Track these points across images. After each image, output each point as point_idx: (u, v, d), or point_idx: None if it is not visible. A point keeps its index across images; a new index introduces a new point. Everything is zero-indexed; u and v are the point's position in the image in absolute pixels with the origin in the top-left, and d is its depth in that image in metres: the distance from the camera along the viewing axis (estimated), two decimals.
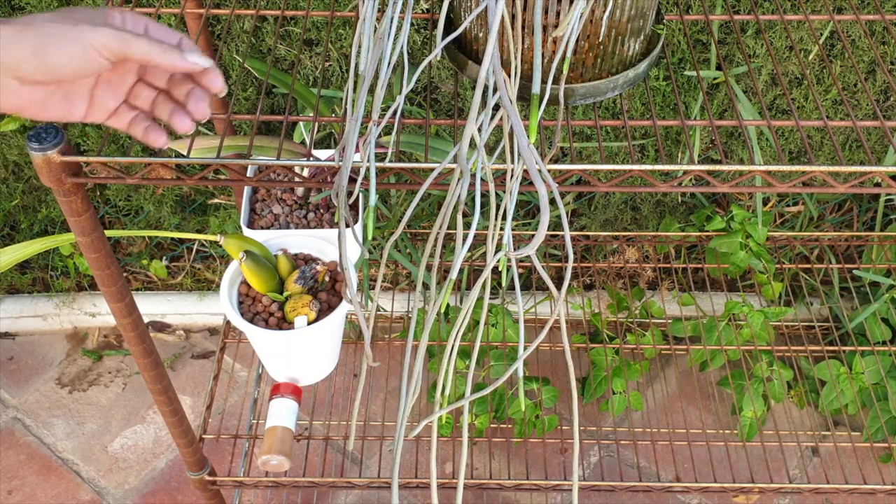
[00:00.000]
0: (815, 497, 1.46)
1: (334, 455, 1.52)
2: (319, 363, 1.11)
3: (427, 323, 0.62)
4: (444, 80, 1.38)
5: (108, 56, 0.55)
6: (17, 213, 1.60)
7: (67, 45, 0.53)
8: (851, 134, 1.48)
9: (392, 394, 1.53)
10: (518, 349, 0.65)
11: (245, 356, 1.64)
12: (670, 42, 1.34)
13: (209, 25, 1.14)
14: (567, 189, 0.71)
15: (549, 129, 0.92)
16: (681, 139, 1.47)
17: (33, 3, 1.30)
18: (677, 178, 0.72)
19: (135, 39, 0.55)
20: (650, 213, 1.60)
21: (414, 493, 1.46)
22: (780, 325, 1.56)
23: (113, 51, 0.55)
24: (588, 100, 0.78)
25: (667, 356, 1.64)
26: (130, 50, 0.55)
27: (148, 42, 0.56)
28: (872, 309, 1.46)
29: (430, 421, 0.62)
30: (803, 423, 1.53)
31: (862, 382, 1.40)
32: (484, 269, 0.61)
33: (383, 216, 1.48)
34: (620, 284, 1.65)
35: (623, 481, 1.26)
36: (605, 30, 0.73)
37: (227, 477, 1.21)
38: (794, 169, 0.71)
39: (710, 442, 1.39)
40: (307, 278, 1.02)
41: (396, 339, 1.62)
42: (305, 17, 0.93)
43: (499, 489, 1.25)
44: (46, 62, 0.53)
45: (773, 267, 1.48)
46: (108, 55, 0.55)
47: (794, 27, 1.32)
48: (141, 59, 0.56)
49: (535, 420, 1.39)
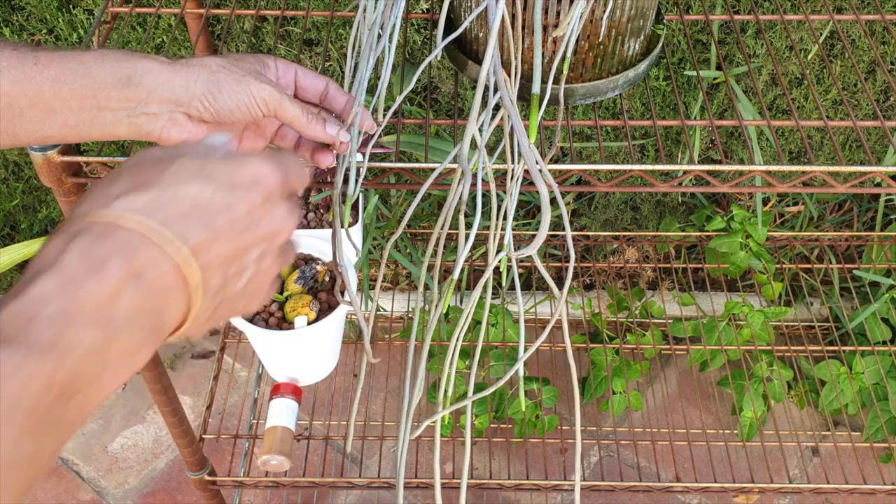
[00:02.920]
0: (815, 497, 1.46)
1: (334, 455, 1.52)
2: (319, 363, 1.11)
3: (430, 324, 0.62)
4: (444, 80, 1.38)
5: (265, 111, 0.60)
6: (17, 213, 1.60)
7: (236, 94, 0.58)
8: (851, 134, 1.48)
9: (392, 394, 1.52)
10: (518, 349, 0.65)
11: (245, 356, 1.64)
12: (670, 42, 1.34)
13: (209, 25, 1.14)
14: (567, 189, 0.71)
15: (550, 129, 0.92)
16: (681, 139, 1.47)
17: (33, 2, 1.30)
18: (677, 178, 0.72)
19: (289, 104, 0.60)
20: (650, 213, 1.60)
21: (414, 493, 1.46)
22: (780, 325, 1.56)
23: (270, 108, 0.60)
24: (588, 100, 0.78)
25: (667, 356, 1.64)
26: (282, 111, 0.60)
27: (299, 108, 0.61)
28: (872, 309, 1.46)
29: (432, 421, 0.62)
30: (803, 423, 1.53)
31: (862, 382, 1.40)
32: (485, 269, 0.61)
33: (383, 216, 1.48)
34: (620, 284, 1.65)
35: (623, 481, 1.26)
36: (605, 30, 0.73)
37: (227, 477, 1.21)
38: (794, 169, 0.71)
39: (710, 442, 1.39)
40: (307, 278, 1.02)
41: (396, 339, 1.62)
42: (305, 17, 0.93)
43: (499, 489, 1.25)
44: (215, 105, 0.58)
45: (773, 267, 1.48)
46: (265, 110, 0.60)
47: (794, 27, 1.32)
48: (289, 122, 0.62)
49: (535, 420, 1.39)
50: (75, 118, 0.54)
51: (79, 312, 0.36)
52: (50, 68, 0.53)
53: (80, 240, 0.38)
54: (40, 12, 1.31)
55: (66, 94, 0.53)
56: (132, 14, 0.88)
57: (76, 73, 0.53)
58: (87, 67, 0.54)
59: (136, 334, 0.39)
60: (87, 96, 0.54)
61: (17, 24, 1.33)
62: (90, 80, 0.54)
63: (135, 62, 0.55)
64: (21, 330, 0.34)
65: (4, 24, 1.33)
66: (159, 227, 0.40)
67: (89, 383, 0.36)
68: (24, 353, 0.34)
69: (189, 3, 0.98)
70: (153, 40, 1.32)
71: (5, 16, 1.33)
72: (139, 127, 0.57)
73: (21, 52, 0.52)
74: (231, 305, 0.45)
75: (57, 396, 0.34)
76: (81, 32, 1.32)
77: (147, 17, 1.28)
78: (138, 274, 0.38)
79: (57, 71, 0.53)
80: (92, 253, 0.38)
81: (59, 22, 1.31)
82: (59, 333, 0.35)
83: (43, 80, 0.53)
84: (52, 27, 1.33)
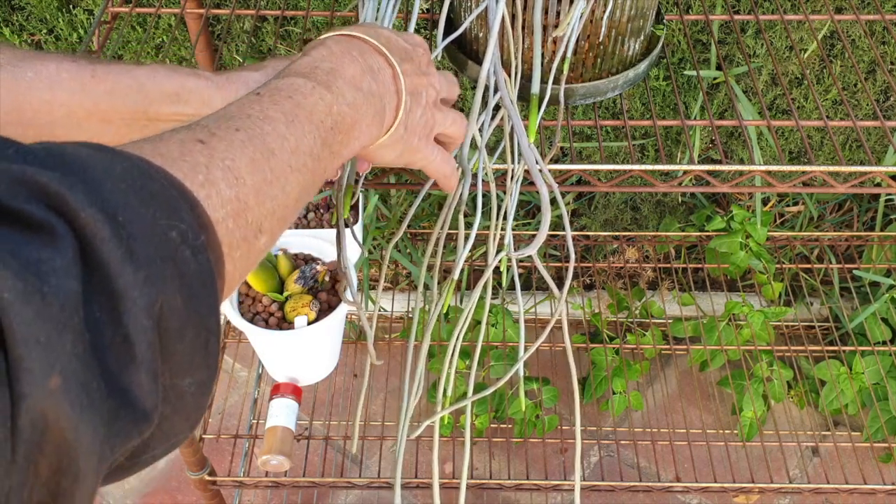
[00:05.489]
0: (815, 497, 1.46)
1: (334, 455, 1.52)
2: (319, 363, 1.11)
3: (429, 323, 0.62)
4: None
5: None
6: None
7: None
8: (851, 134, 1.48)
9: (392, 394, 1.52)
10: (518, 349, 0.65)
11: (245, 356, 1.64)
12: (670, 42, 1.34)
13: (209, 25, 1.14)
14: (567, 189, 0.71)
15: (550, 129, 0.92)
16: (681, 139, 1.47)
17: (33, 2, 1.30)
18: (677, 178, 0.72)
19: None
20: (650, 213, 1.60)
21: (414, 493, 1.46)
22: (780, 325, 1.56)
23: None
24: (588, 100, 0.78)
25: (667, 356, 1.64)
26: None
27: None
28: (872, 309, 1.46)
29: (432, 421, 0.62)
30: (803, 423, 1.53)
31: (862, 382, 1.40)
32: (485, 269, 0.61)
33: (383, 216, 1.48)
34: (620, 284, 1.65)
35: (623, 481, 1.26)
36: (605, 30, 0.73)
37: (227, 477, 1.21)
38: (794, 169, 0.71)
39: (710, 442, 1.39)
40: (307, 278, 1.02)
41: (396, 339, 1.62)
42: (305, 17, 0.93)
43: (499, 489, 1.25)
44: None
45: (773, 267, 1.48)
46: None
47: (794, 27, 1.32)
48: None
49: (535, 420, 1.39)
50: (127, 129, 0.57)
51: (342, 74, 0.48)
52: (106, 82, 0.55)
53: (331, 39, 0.51)
54: (40, 12, 1.31)
55: (121, 106, 0.56)
56: (132, 14, 0.88)
57: (130, 88, 0.56)
58: (140, 83, 0.56)
59: (371, 108, 0.50)
60: (139, 110, 0.56)
61: (17, 24, 1.33)
62: (143, 95, 0.56)
63: (183, 79, 0.57)
64: (310, 72, 0.47)
65: (4, 24, 1.33)
66: (380, 44, 0.52)
67: (348, 128, 0.47)
68: (314, 85, 0.46)
69: (189, 3, 0.98)
70: (153, 40, 1.32)
71: (5, 16, 1.33)
72: None
73: (80, 64, 0.55)
74: (411, 134, 0.55)
75: (331, 126, 0.46)
76: (81, 32, 1.32)
77: (147, 17, 1.28)
78: (371, 68, 0.51)
79: (112, 85, 0.55)
80: (343, 45, 0.51)
81: (59, 22, 1.31)
82: (333, 81, 0.47)
83: (99, 94, 0.55)
84: (52, 27, 1.33)
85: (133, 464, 0.32)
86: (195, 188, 0.35)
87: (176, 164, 0.35)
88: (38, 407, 0.25)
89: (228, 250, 0.36)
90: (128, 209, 0.30)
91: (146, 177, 0.32)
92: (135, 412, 0.29)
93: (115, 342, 0.29)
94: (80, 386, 0.26)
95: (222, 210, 0.36)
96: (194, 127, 0.39)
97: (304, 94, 0.45)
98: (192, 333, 0.32)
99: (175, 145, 0.36)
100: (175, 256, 0.31)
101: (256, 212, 0.38)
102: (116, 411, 0.28)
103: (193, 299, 0.32)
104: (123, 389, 0.29)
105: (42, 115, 0.53)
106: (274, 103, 0.43)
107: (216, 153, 0.37)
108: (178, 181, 0.34)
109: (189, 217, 0.33)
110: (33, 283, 0.26)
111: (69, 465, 0.26)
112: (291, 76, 0.47)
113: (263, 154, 0.40)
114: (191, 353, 0.32)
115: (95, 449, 0.27)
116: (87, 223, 0.29)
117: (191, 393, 0.33)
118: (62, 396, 0.26)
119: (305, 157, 0.43)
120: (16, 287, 0.25)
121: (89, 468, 0.27)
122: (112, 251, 0.29)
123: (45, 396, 0.25)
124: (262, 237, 0.39)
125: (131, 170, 0.32)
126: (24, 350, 0.25)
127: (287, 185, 0.41)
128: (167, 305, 0.31)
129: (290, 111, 0.43)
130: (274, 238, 0.41)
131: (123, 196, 0.31)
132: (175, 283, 0.31)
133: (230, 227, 0.36)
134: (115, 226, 0.29)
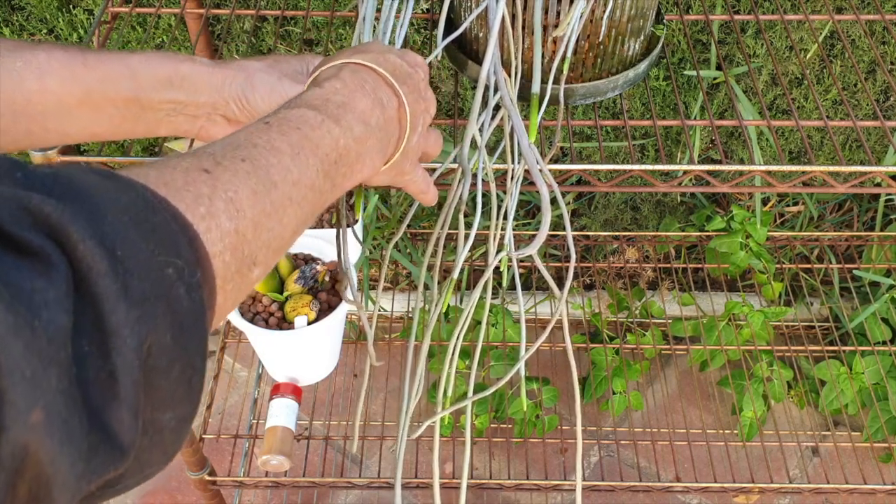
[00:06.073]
0: (815, 497, 1.46)
1: (334, 455, 1.52)
2: (319, 363, 1.11)
3: (429, 323, 0.62)
4: (445, 80, 1.38)
5: None
6: None
7: (269, 97, 0.59)
8: (851, 134, 1.48)
9: (392, 394, 1.52)
10: (519, 349, 0.65)
11: (245, 356, 1.64)
12: (670, 42, 1.34)
13: (209, 25, 1.14)
14: (567, 189, 0.71)
15: (550, 129, 0.92)
16: (681, 139, 1.47)
17: (33, 2, 1.30)
18: (677, 178, 0.72)
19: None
20: (650, 213, 1.60)
21: (414, 493, 1.46)
22: (780, 325, 1.56)
23: None
24: (588, 100, 0.78)
25: (667, 356, 1.64)
26: None
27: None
28: (872, 309, 1.46)
29: (432, 421, 0.62)
30: (803, 423, 1.53)
31: (862, 382, 1.40)
32: (485, 269, 0.61)
33: (383, 216, 1.48)
34: (620, 284, 1.65)
35: (623, 481, 1.26)
36: (605, 30, 0.73)
37: (227, 477, 1.21)
38: (794, 169, 0.71)
39: (710, 442, 1.39)
40: (307, 278, 1.02)
41: (396, 339, 1.62)
42: (305, 17, 0.93)
43: (499, 489, 1.25)
44: (249, 107, 0.59)
45: (773, 267, 1.48)
46: None
47: (794, 27, 1.32)
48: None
49: (535, 420, 1.39)
50: (121, 117, 0.57)
51: (353, 108, 0.49)
52: (97, 70, 0.55)
53: (345, 69, 0.52)
54: (40, 12, 1.31)
55: (113, 94, 0.55)
56: (132, 14, 0.88)
57: (122, 76, 0.55)
58: (133, 70, 0.56)
59: (377, 142, 0.51)
60: (131, 98, 0.56)
61: (17, 24, 1.33)
62: (135, 82, 0.56)
63: (176, 64, 0.57)
64: (321, 105, 0.48)
65: (4, 24, 1.33)
66: (388, 73, 0.53)
67: (352, 161, 0.48)
68: (323, 118, 0.47)
69: (189, 3, 0.98)
70: (153, 40, 1.32)
71: (5, 16, 1.33)
72: (178, 126, 0.59)
73: (71, 53, 0.54)
74: (405, 160, 0.56)
75: (336, 160, 0.47)
76: (81, 32, 1.32)
77: (147, 17, 1.28)
78: (381, 102, 0.52)
79: (104, 73, 0.55)
80: (358, 78, 0.52)
81: (59, 22, 1.31)
82: (343, 115, 0.48)
83: (91, 82, 0.55)
84: (52, 27, 1.33)
85: (103, 493, 0.32)
86: (196, 220, 0.35)
87: (179, 193, 0.35)
88: (18, 439, 0.25)
89: (222, 283, 0.36)
90: (127, 243, 0.30)
91: (149, 209, 0.33)
92: (113, 448, 0.29)
93: (100, 377, 0.29)
94: (62, 422, 0.27)
95: (220, 244, 0.36)
96: (200, 154, 0.39)
97: (313, 127, 0.46)
98: (178, 370, 0.32)
99: (180, 174, 0.37)
100: (169, 294, 0.32)
101: (253, 244, 0.38)
102: (96, 447, 0.28)
103: (183, 336, 0.32)
104: (104, 424, 0.29)
105: (33, 104, 0.53)
106: (282, 134, 0.44)
107: (219, 184, 0.37)
108: (181, 214, 0.34)
109: (187, 252, 0.33)
110: (24, 316, 0.26)
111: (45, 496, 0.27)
112: (302, 107, 0.47)
113: (266, 186, 0.40)
114: (174, 389, 0.32)
115: (71, 483, 0.27)
116: (84, 255, 0.29)
117: (170, 428, 0.33)
118: (43, 431, 0.26)
119: (306, 190, 0.43)
120: (6, 321, 0.25)
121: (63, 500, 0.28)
122: (108, 286, 0.29)
123: (26, 430, 0.25)
124: (256, 269, 0.40)
125: (136, 201, 0.32)
126: (9, 383, 0.25)
127: (285, 218, 0.41)
128: (156, 344, 0.31)
129: (296, 143, 0.44)
130: (267, 269, 0.41)
131: (125, 229, 0.31)
132: (167, 320, 0.31)
133: (227, 260, 0.36)
134: (113, 260, 0.30)
